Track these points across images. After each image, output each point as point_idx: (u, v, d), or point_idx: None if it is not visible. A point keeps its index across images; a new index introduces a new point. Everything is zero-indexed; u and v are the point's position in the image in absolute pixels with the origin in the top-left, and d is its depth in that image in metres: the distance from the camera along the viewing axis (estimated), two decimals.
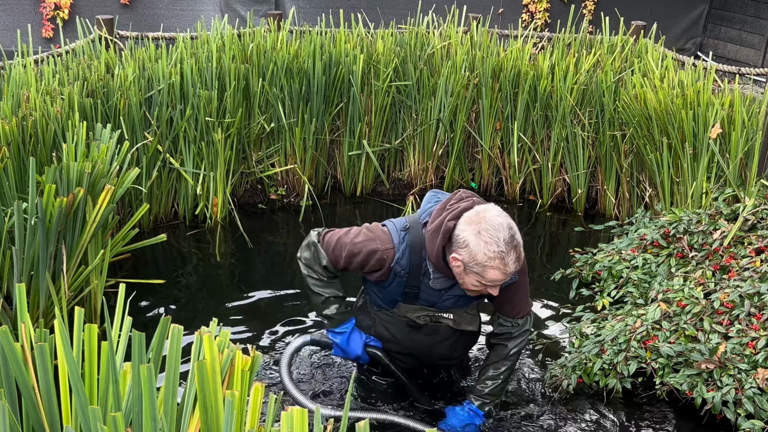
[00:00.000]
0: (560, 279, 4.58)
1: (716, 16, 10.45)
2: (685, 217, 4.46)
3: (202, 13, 8.47)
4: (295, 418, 1.45)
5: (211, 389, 1.56)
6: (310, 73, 5.58)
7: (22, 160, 3.93)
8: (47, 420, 1.67)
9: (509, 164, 6.05)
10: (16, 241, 3.35)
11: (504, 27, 7.01)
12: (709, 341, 3.47)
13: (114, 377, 1.67)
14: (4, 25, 8.28)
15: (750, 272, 3.82)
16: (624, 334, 3.68)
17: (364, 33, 6.06)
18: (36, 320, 3.49)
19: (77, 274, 3.70)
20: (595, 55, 5.93)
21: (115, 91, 4.87)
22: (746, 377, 3.25)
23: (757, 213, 4.26)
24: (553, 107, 5.81)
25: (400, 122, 6.00)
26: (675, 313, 3.71)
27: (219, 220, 5.38)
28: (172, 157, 5.18)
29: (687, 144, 4.95)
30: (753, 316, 3.52)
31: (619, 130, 5.58)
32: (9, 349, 1.64)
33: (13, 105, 4.27)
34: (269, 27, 6.03)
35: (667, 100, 5.05)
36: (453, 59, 5.87)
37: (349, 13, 6.37)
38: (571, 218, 5.88)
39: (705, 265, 4.04)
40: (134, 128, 4.96)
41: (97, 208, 3.60)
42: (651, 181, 5.44)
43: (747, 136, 4.80)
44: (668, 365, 3.47)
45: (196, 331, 1.70)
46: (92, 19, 5.58)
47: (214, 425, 1.58)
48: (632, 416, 3.56)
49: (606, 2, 9.86)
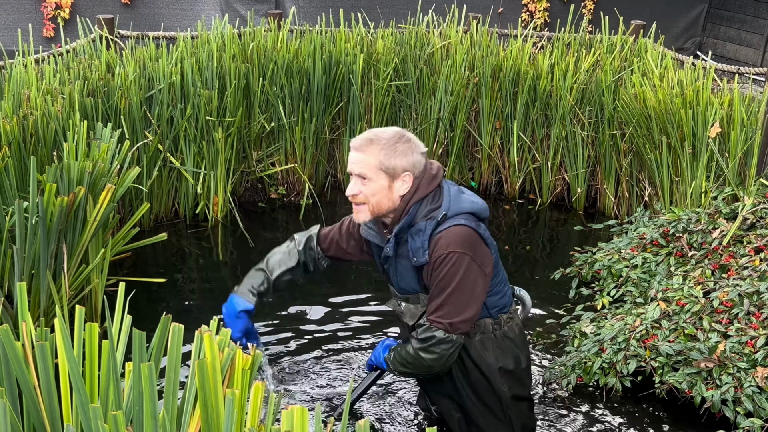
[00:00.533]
0: (560, 278, 4.59)
1: (715, 16, 10.47)
2: (684, 216, 4.47)
3: (203, 13, 8.49)
4: (295, 417, 1.45)
5: (211, 388, 1.56)
6: (311, 73, 5.60)
7: (23, 159, 3.93)
8: (48, 418, 1.68)
9: (509, 163, 6.07)
10: (17, 240, 3.35)
11: (504, 26, 7.03)
12: (708, 340, 3.47)
13: (115, 375, 1.67)
14: (5, 24, 8.29)
15: (749, 271, 3.83)
16: (623, 333, 3.68)
17: (364, 32, 6.08)
18: (37, 319, 3.48)
19: (78, 273, 3.71)
20: (594, 54, 5.95)
21: (116, 91, 4.89)
22: (745, 376, 3.26)
23: (756, 212, 4.28)
24: (552, 106, 5.83)
25: (400, 121, 6.02)
26: (674, 312, 3.72)
27: (219, 219, 5.40)
28: (172, 156, 5.20)
29: (686, 143, 4.97)
30: (752, 315, 3.53)
31: (619, 130, 5.60)
32: (10, 347, 1.64)
33: (14, 104, 4.27)
34: (269, 26, 6.06)
35: (666, 100, 5.07)
36: (453, 59, 5.89)
37: (349, 13, 6.39)
38: (570, 217, 5.91)
39: (704, 264, 4.05)
40: (135, 127, 4.98)
41: (97, 207, 3.61)
42: (650, 180, 5.46)
43: (746, 136, 4.81)
44: (667, 364, 3.47)
45: (197, 330, 1.71)
46: (93, 18, 5.59)
47: (214, 424, 1.58)
48: (632, 415, 3.58)
49: (605, 2, 9.87)
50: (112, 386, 1.67)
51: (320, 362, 3.89)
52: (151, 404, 1.55)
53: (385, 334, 4.19)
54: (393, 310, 3.01)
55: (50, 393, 1.66)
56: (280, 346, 4.01)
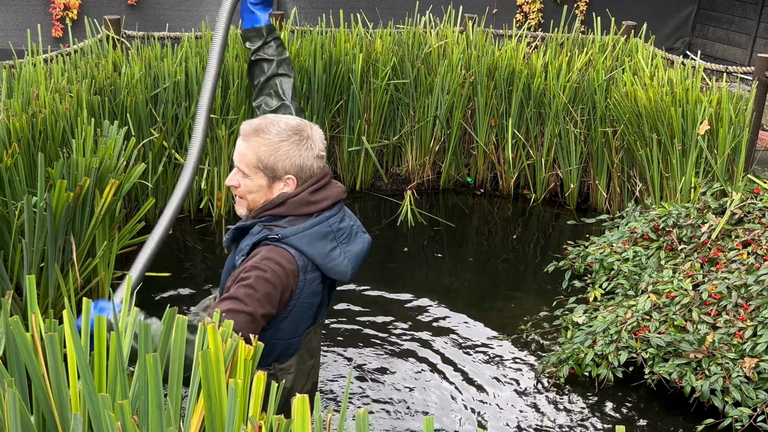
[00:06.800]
0: (553, 271, 4.67)
1: (704, 16, 10.58)
2: (674, 211, 4.54)
3: (207, 14, 8.52)
4: (296, 405, 1.46)
5: (214, 378, 1.57)
6: (311, 72, 5.68)
7: (31, 155, 3.93)
8: (57, 407, 1.67)
9: (504, 160, 6.16)
10: (26, 234, 3.37)
11: (499, 27, 7.10)
12: (697, 331, 3.54)
13: (121, 366, 1.68)
14: (15, 24, 8.33)
15: (737, 264, 3.91)
16: (615, 325, 3.74)
17: (363, 33, 6.14)
18: (45, 311, 3.51)
19: (85, 266, 3.74)
20: (587, 54, 6.02)
21: (122, 89, 4.96)
22: (733, 366, 3.33)
23: (744, 207, 4.36)
24: (546, 104, 5.90)
25: (398, 119, 6.10)
26: (664, 304, 3.79)
27: (223, 215, 5.49)
28: (177, 153, 5.29)
29: (676, 140, 5.04)
30: (740, 307, 3.60)
31: (611, 127, 5.68)
32: (20, 338, 1.63)
33: (23, 102, 4.29)
34: None
35: (656, 98, 5.13)
36: (449, 58, 5.97)
37: (349, 14, 6.45)
38: (563, 212, 6.00)
39: (693, 257, 4.13)
40: (141, 125, 5.06)
41: (103, 198, 3.61)
42: (641, 176, 5.54)
43: (734, 133, 4.88)
44: (658, 355, 3.54)
45: (200, 322, 1.72)
46: (100, 19, 5.63)
47: (217, 413, 1.60)
48: (623, 405, 3.64)
49: (597, 3, 9.94)
50: (118, 376, 1.68)
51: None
52: (156, 394, 1.55)
53: (381, 325, 4.29)
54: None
55: (59, 383, 1.65)
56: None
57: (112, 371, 1.70)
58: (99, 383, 1.70)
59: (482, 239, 5.64)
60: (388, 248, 5.30)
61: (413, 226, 5.57)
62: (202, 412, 1.64)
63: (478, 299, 4.65)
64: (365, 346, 4.06)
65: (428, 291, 4.70)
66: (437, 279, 4.91)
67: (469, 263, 5.17)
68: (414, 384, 3.76)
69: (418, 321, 4.33)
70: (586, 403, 3.64)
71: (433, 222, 5.70)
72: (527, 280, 4.98)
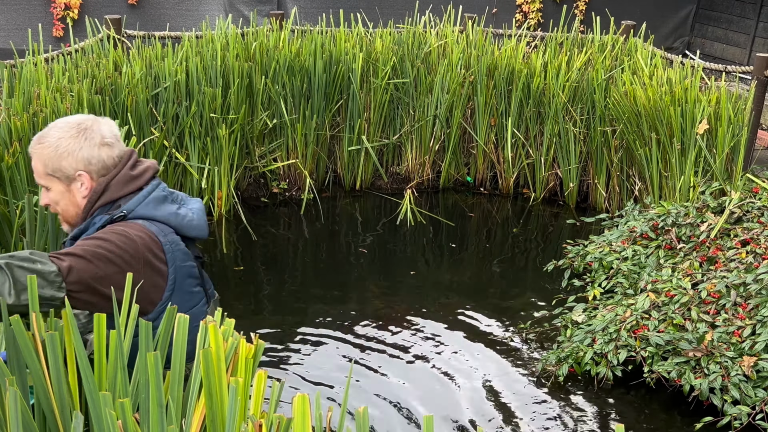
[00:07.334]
0: (553, 270, 4.68)
1: (703, 16, 10.60)
2: (673, 210, 4.55)
3: (207, 13, 8.52)
4: (296, 404, 1.47)
5: (215, 376, 1.58)
6: (311, 71, 5.70)
7: None
8: (57, 406, 1.68)
9: (503, 159, 6.17)
10: (27, 233, 3.33)
11: (498, 26, 7.13)
12: (696, 330, 3.55)
13: (122, 364, 1.68)
14: (16, 24, 8.34)
15: (736, 263, 3.92)
16: (614, 323, 3.74)
17: (363, 32, 6.16)
18: None
19: None
20: (586, 53, 6.04)
21: (123, 89, 4.97)
22: (732, 365, 3.33)
23: (743, 206, 4.38)
24: (545, 104, 5.92)
25: (398, 118, 6.12)
26: (663, 303, 3.80)
27: (223, 213, 5.50)
28: (177, 152, 5.29)
29: (675, 139, 5.05)
30: (739, 306, 3.61)
31: (610, 126, 5.69)
32: (21, 337, 1.64)
33: (24, 102, 4.31)
34: (272, 26, 6.13)
35: (655, 97, 5.14)
36: (449, 58, 5.98)
37: (349, 13, 6.47)
38: (563, 211, 6.00)
39: (692, 256, 4.14)
40: (141, 124, 5.07)
41: None
42: (640, 176, 5.55)
43: (733, 132, 4.90)
44: (657, 354, 3.55)
45: (201, 320, 1.72)
46: (101, 18, 5.65)
47: (218, 411, 1.60)
48: (622, 403, 3.65)
49: (597, 2, 9.96)
50: (119, 375, 1.69)
51: (317, 349, 4.00)
52: (156, 392, 1.55)
53: (381, 323, 4.31)
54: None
55: (60, 381, 1.66)
56: (276, 338, 4.11)
57: (112, 369, 1.71)
58: (99, 381, 1.71)
59: (482, 238, 5.65)
60: (387, 247, 5.32)
61: (413, 225, 5.59)
62: (203, 410, 1.65)
63: (478, 298, 4.66)
64: (365, 344, 4.08)
65: (428, 290, 4.73)
66: (437, 278, 4.93)
67: (469, 262, 5.19)
68: (413, 382, 3.77)
69: (417, 320, 4.35)
70: (585, 402, 3.65)
71: (432, 221, 5.71)
72: (527, 279, 4.99)
